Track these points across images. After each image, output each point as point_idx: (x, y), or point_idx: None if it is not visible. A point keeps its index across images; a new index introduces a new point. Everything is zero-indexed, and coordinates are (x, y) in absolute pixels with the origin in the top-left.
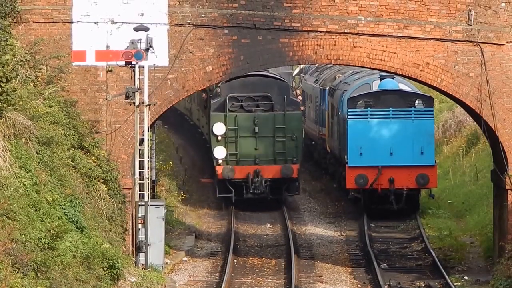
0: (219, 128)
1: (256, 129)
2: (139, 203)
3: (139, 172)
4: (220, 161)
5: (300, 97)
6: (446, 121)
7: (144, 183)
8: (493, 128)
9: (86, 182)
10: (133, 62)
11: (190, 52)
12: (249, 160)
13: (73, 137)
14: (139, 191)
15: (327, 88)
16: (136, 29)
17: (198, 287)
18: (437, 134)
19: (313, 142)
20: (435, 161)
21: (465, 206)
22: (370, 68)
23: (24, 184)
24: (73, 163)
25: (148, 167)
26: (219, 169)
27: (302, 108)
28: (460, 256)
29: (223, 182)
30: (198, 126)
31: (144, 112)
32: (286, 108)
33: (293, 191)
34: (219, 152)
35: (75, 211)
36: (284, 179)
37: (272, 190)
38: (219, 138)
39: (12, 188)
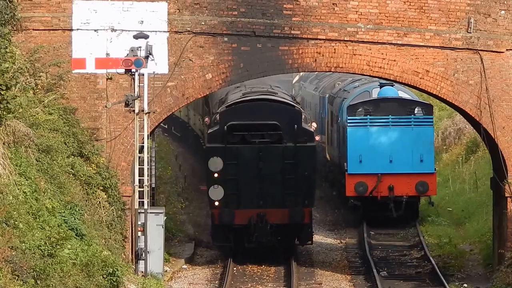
0: (215, 164)
1: (261, 165)
2: (139, 211)
3: (139, 179)
4: (216, 204)
5: (314, 125)
6: (445, 129)
7: (143, 190)
8: (493, 136)
9: (86, 189)
10: (133, 70)
11: (190, 59)
12: (251, 202)
13: (72, 145)
14: (139, 198)
15: (327, 96)
16: (135, 37)
17: None
18: (436, 141)
19: None
20: (435, 168)
21: (464, 213)
22: (369, 75)
23: (24, 192)
24: (72, 171)
25: (148, 175)
26: (215, 213)
27: (317, 138)
28: (459, 263)
29: (221, 228)
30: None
31: (143, 120)
32: (297, 140)
33: (305, 241)
34: (216, 193)
35: (74, 219)
36: (294, 225)
37: (279, 238)
38: (216, 175)
39: (11, 196)
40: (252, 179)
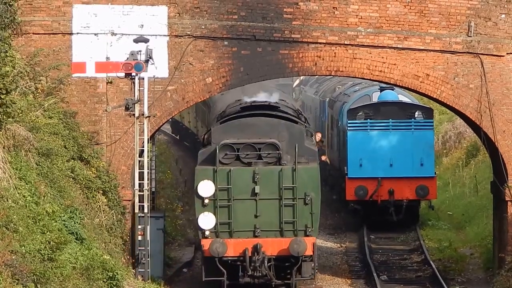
0: (206, 188)
1: (257, 189)
2: (139, 215)
3: (139, 183)
4: (207, 233)
5: (319, 136)
6: (446, 133)
7: (143, 194)
8: (493, 140)
9: (86, 193)
10: (133, 74)
11: (190, 63)
12: (246, 231)
13: (72, 149)
14: (139, 202)
15: (327, 100)
16: (136, 41)
17: None
18: (437, 145)
19: None
20: (435, 172)
21: (464, 217)
22: (370, 79)
23: (24, 196)
24: (72, 175)
25: (148, 179)
26: (205, 244)
27: (324, 158)
28: (460, 267)
29: (212, 261)
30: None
31: (143, 124)
32: (297, 160)
33: (307, 274)
34: (206, 221)
35: (74, 223)
36: (294, 257)
37: (278, 272)
38: (206, 201)
39: (11, 200)
40: (247, 205)
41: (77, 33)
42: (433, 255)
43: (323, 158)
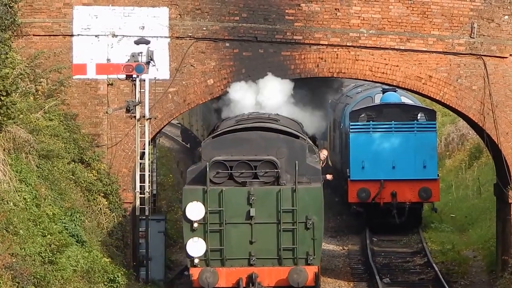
0: (195, 210)
1: (252, 212)
2: (140, 217)
3: (140, 186)
4: (196, 261)
5: (325, 154)
6: (448, 135)
7: (145, 197)
8: (496, 142)
9: (87, 196)
10: (134, 76)
11: (191, 65)
12: (240, 259)
13: (73, 151)
14: (140, 205)
15: (329, 102)
16: (136, 42)
17: None
18: (439, 147)
19: None
20: (438, 174)
21: (468, 220)
22: (372, 81)
23: (24, 198)
24: (73, 177)
25: (149, 181)
26: (194, 273)
27: (329, 176)
28: (463, 270)
29: None
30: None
31: (145, 126)
32: (298, 179)
33: None
34: (195, 247)
35: (75, 225)
36: None
37: None
38: (196, 225)
39: (12, 202)
40: (241, 230)
41: (78, 34)
42: (436, 257)
43: (329, 177)
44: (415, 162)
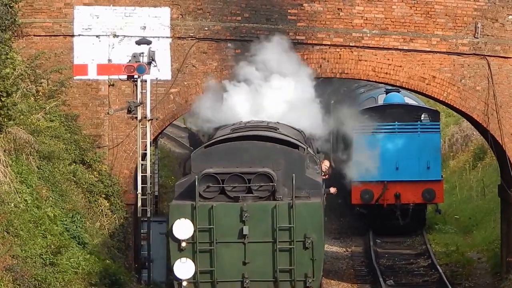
0: (183, 229)
1: (245, 230)
2: (142, 219)
3: (142, 187)
4: (184, 284)
5: (326, 165)
6: (452, 135)
7: (146, 198)
8: (500, 142)
9: (88, 197)
10: (135, 76)
11: (193, 65)
12: (233, 281)
13: (74, 152)
14: (142, 206)
15: (332, 102)
16: (138, 43)
17: None
18: (443, 148)
19: None
20: (442, 176)
21: (472, 221)
22: (375, 81)
23: (25, 200)
24: (74, 178)
25: (151, 182)
26: None
27: (333, 190)
28: (467, 272)
29: None
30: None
31: (146, 127)
32: (296, 194)
33: None
34: (183, 269)
35: (76, 227)
36: None
37: None
38: (184, 245)
39: (12, 204)
40: (233, 250)
41: (79, 35)
42: (440, 259)
43: (332, 190)
44: (419, 163)
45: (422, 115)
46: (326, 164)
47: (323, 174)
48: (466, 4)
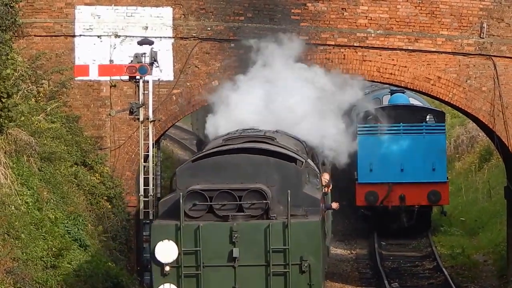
0: (166, 251)
1: (236, 252)
2: (144, 221)
3: (144, 189)
4: None
5: (327, 178)
6: (458, 137)
7: (149, 200)
8: (507, 144)
9: (90, 199)
10: (137, 77)
11: (196, 66)
12: None
13: (76, 154)
14: (144, 208)
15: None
16: (140, 43)
17: None
18: (449, 150)
19: None
20: (447, 177)
21: (478, 223)
22: (380, 82)
23: (26, 202)
24: (76, 180)
25: (153, 184)
26: None
27: (335, 205)
28: (473, 274)
29: None
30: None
31: (148, 128)
32: (291, 212)
33: None
34: None
35: (78, 229)
36: None
37: None
38: (167, 269)
39: (13, 206)
40: (222, 275)
41: (80, 35)
42: (446, 262)
43: (334, 205)
44: (424, 165)
45: (428, 116)
46: (326, 178)
47: (322, 188)
48: (471, 4)
